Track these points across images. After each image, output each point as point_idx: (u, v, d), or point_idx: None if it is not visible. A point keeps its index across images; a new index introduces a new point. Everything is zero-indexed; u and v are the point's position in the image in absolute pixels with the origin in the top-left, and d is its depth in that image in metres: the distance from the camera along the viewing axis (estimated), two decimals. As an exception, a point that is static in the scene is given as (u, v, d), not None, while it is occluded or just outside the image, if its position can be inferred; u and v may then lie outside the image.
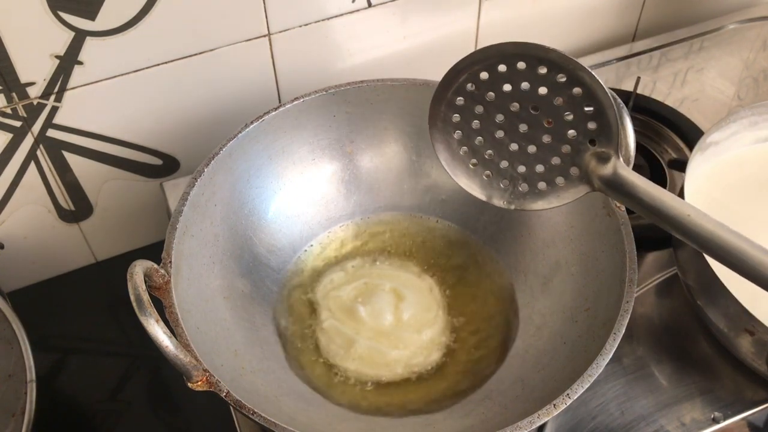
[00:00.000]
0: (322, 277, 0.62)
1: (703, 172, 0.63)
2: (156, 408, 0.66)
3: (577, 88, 0.40)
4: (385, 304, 0.58)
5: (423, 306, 0.59)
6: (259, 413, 0.43)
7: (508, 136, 0.42)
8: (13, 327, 0.54)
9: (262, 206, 0.61)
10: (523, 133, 0.42)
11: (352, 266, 0.62)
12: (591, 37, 0.88)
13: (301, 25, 0.68)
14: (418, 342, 0.57)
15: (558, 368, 0.51)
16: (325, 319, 0.58)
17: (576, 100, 0.41)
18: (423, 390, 0.56)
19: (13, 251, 0.69)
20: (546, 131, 0.41)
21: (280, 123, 0.60)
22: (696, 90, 0.82)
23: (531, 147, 0.42)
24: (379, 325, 0.57)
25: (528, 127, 0.42)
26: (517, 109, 0.42)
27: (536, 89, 0.41)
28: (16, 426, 0.49)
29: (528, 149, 0.43)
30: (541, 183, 0.44)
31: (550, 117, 0.41)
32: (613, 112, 0.41)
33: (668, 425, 0.55)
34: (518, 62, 0.41)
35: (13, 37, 0.56)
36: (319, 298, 0.60)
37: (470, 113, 0.43)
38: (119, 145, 0.67)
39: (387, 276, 0.61)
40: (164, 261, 0.50)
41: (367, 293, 0.59)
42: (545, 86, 0.41)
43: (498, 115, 0.43)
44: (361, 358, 0.56)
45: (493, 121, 0.43)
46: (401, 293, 0.59)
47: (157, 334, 0.41)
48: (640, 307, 0.63)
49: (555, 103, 0.41)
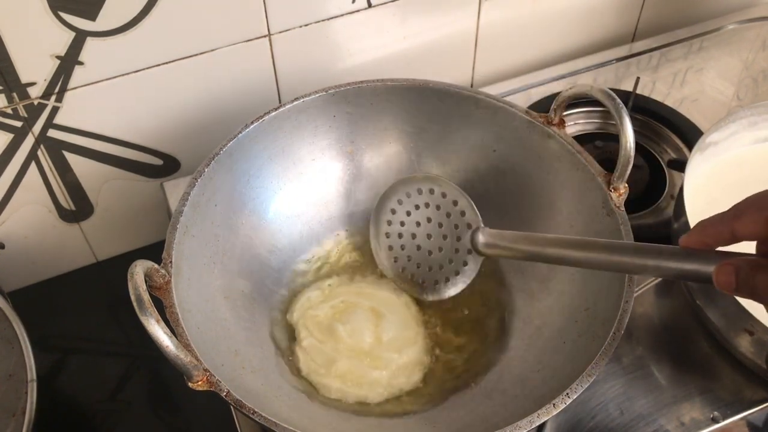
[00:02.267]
0: (298, 296, 0.60)
1: (703, 172, 0.63)
2: (156, 408, 0.66)
3: (445, 195, 0.56)
4: (364, 323, 0.57)
5: (402, 325, 0.58)
6: (260, 413, 0.44)
7: (418, 240, 0.57)
8: (14, 327, 0.54)
9: (262, 206, 0.61)
10: (428, 237, 0.56)
11: (329, 285, 0.61)
12: (590, 38, 0.88)
13: (302, 25, 0.68)
14: (398, 362, 0.56)
15: (558, 368, 0.51)
16: (304, 338, 0.57)
17: (448, 203, 0.56)
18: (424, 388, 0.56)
19: (14, 251, 0.69)
20: (442, 233, 0.56)
21: (280, 123, 0.60)
22: (695, 90, 0.82)
23: (435, 246, 0.56)
24: (359, 345, 0.56)
25: (429, 233, 0.56)
26: (421, 220, 0.57)
27: (427, 204, 0.57)
28: (16, 426, 0.50)
29: (434, 249, 0.56)
30: (448, 273, 0.56)
31: (441, 221, 0.56)
32: (465, 199, 0.55)
33: (668, 425, 0.55)
34: (416, 187, 0.57)
35: (14, 38, 0.56)
36: (296, 318, 0.59)
37: (396, 221, 0.58)
38: (120, 145, 0.67)
39: (365, 295, 0.60)
40: (165, 261, 0.50)
41: (345, 312, 0.58)
42: (432, 201, 0.56)
43: (411, 226, 0.57)
44: (342, 376, 0.55)
45: (409, 231, 0.57)
46: (380, 312, 0.58)
47: (158, 334, 0.42)
48: (639, 306, 0.63)
49: (439, 210, 0.56)
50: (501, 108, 0.60)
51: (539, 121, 0.59)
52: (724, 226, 0.38)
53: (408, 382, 0.56)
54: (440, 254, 0.56)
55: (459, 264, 0.55)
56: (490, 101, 0.61)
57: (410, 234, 0.57)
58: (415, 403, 0.55)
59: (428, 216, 0.56)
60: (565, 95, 0.57)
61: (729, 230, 0.38)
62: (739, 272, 0.36)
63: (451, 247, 0.55)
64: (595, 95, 0.55)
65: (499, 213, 0.62)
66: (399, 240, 0.57)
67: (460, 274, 0.55)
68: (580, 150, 0.57)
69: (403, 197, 0.58)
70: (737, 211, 0.38)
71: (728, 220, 0.38)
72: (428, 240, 0.56)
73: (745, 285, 0.36)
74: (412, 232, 0.57)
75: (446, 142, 0.64)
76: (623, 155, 0.53)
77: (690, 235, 0.40)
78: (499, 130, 0.61)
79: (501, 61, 0.84)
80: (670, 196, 0.71)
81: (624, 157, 0.53)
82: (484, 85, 0.84)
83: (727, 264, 0.37)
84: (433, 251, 0.56)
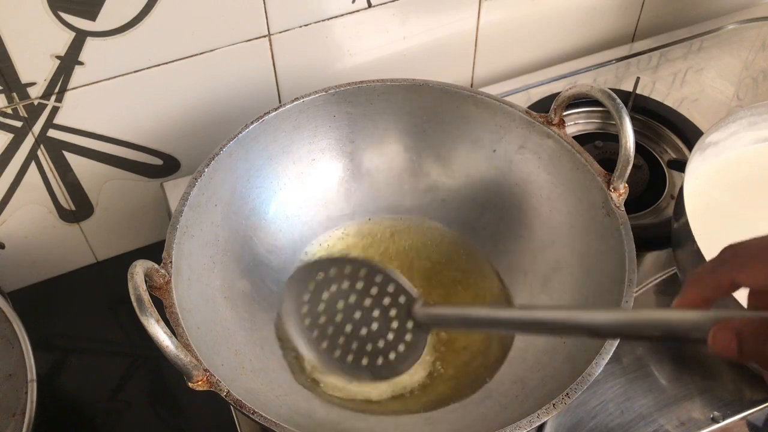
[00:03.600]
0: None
1: (703, 173, 0.63)
2: (156, 408, 0.66)
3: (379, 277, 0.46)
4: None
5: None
6: (260, 413, 0.44)
7: (347, 325, 0.47)
8: (14, 327, 0.54)
9: (262, 206, 0.61)
10: (359, 320, 0.47)
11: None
12: (590, 37, 0.88)
13: (302, 25, 0.68)
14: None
15: (558, 368, 0.51)
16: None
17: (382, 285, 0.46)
18: (424, 388, 0.56)
19: (14, 251, 0.69)
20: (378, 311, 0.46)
21: (280, 123, 0.60)
22: (695, 90, 0.82)
23: (373, 325, 0.47)
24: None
25: (362, 312, 0.47)
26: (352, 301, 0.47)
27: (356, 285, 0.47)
28: (16, 426, 0.50)
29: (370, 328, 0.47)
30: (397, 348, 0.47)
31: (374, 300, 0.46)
32: (399, 281, 0.45)
33: (667, 425, 0.55)
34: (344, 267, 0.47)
35: (14, 38, 0.56)
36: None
37: (315, 311, 0.48)
38: (120, 145, 0.67)
39: None
40: (165, 261, 0.50)
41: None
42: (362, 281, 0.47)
43: (333, 311, 0.47)
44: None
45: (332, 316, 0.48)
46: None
47: (158, 334, 0.42)
48: (639, 306, 0.63)
49: (372, 292, 0.46)
50: (501, 108, 0.61)
51: (539, 121, 0.59)
52: (724, 276, 0.33)
53: (412, 380, 0.56)
54: (377, 334, 0.47)
55: (400, 340, 0.46)
56: (490, 101, 0.61)
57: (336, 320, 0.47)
58: (417, 403, 0.55)
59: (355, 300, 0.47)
60: (565, 95, 0.57)
61: (729, 280, 0.33)
62: (743, 337, 0.31)
63: (386, 325, 0.46)
64: (595, 95, 0.55)
65: (499, 213, 0.62)
66: (326, 329, 0.47)
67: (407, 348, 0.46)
68: (580, 150, 0.57)
69: (315, 285, 0.48)
70: (737, 260, 0.33)
71: (728, 270, 0.33)
72: (360, 322, 0.47)
73: (752, 351, 0.31)
74: (338, 319, 0.47)
75: (446, 142, 0.64)
76: (623, 155, 0.53)
77: (686, 293, 0.34)
78: (499, 130, 0.61)
79: (501, 61, 0.84)
80: (670, 196, 0.71)
81: (624, 157, 0.53)
82: (484, 85, 0.84)
83: (723, 329, 0.31)
84: (370, 332, 0.47)
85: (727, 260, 0.34)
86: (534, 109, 0.60)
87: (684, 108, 0.79)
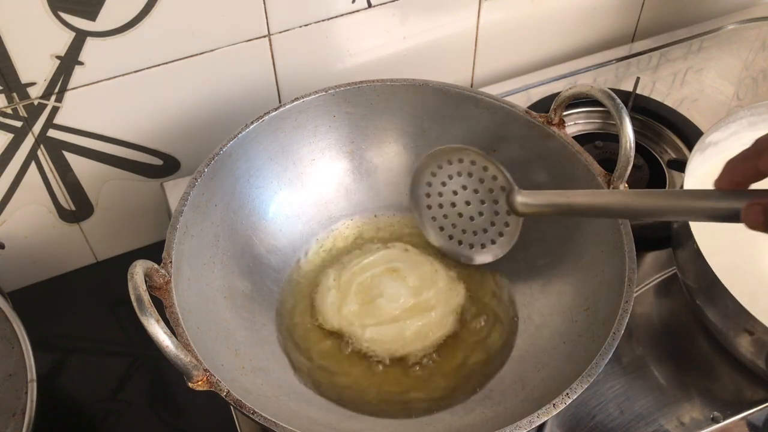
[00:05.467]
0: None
1: (703, 173, 0.63)
2: (156, 408, 0.66)
3: (474, 162, 0.57)
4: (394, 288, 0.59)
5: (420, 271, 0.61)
6: (260, 413, 0.44)
7: (459, 208, 0.59)
8: (14, 327, 0.54)
9: (262, 206, 0.61)
10: (466, 204, 0.59)
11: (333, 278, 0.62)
12: (591, 38, 0.88)
13: (302, 25, 0.68)
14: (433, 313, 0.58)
15: (558, 368, 0.51)
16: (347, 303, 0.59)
17: (479, 170, 0.57)
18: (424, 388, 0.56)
19: (14, 251, 0.69)
20: (479, 198, 0.58)
21: (280, 123, 0.60)
22: (695, 90, 0.82)
23: (476, 212, 0.58)
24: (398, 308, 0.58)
25: (467, 200, 0.59)
26: (457, 189, 0.59)
27: (459, 173, 0.58)
28: (16, 426, 0.50)
29: (474, 214, 0.59)
30: (492, 235, 0.58)
31: (476, 188, 0.58)
32: (494, 164, 0.56)
33: (667, 425, 0.55)
34: (446, 159, 0.59)
35: (14, 38, 0.56)
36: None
37: (434, 193, 0.60)
38: (120, 145, 0.67)
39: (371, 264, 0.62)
40: (165, 261, 0.50)
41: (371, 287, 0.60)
42: (463, 169, 0.58)
43: (449, 196, 0.59)
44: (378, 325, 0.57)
45: (448, 201, 0.59)
46: (396, 268, 0.61)
47: (158, 334, 0.42)
48: (639, 306, 0.63)
49: (472, 177, 0.58)
50: (501, 108, 0.61)
51: (539, 121, 0.59)
52: (749, 163, 0.38)
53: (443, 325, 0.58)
54: (481, 218, 0.58)
55: (501, 226, 0.57)
56: (490, 101, 0.61)
57: (450, 203, 0.59)
58: (418, 402, 0.55)
59: (463, 184, 0.57)
60: (565, 95, 0.57)
61: (754, 167, 0.38)
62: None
63: (491, 210, 0.57)
64: (595, 95, 0.55)
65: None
66: (440, 210, 0.59)
67: (504, 235, 0.57)
68: (580, 150, 0.57)
69: (435, 169, 0.59)
70: (758, 150, 0.38)
71: (750, 158, 0.38)
72: (467, 206, 0.58)
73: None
74: (451, 201, 0.59)
75: (446, 142, 0.64)
76: (623, 155, 0.53)
77: (722, 176, 0.40)
78: (499, 130, 0.61)
79: (501, 61, 0.84)
80: (670, 196, 0.71)
81: (624, 157, 0.53)
82: (484, 85, 0.84)
83: (756, 204, 0.37)
84: (475, 216, 0.57)
85: (751, 150, 0.38)
86: (534, 109, 0.60)
87: (684, 108, 0.79)
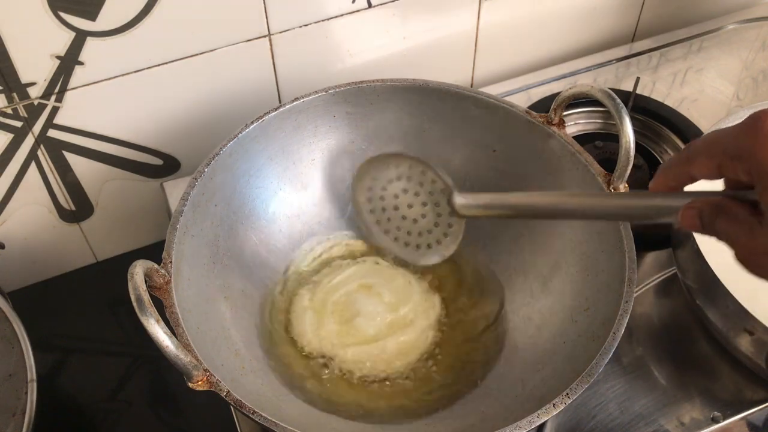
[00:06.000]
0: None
1: (703, 172, 0.63)
2: (156, 408, 0.66)
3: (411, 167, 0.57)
4: (371, 306, 0.59)
5: (391, 281, 0.62)
6: (260, 413, 0.44)
7: (402, 211, 0.58)
8: (14, 327, 0.54)
9: (262, 206, 0.61)
10: (408, 207, 0.58)
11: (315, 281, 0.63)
12: (591, 37, 0.88)
13: (302, 25, 0.68)
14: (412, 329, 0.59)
15: (558, 368, 0.51)
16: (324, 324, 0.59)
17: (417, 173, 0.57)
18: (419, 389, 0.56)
19: (14, 251, 0.69)
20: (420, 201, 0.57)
21: (280, 123, 0.60)
22: (695, 90, 0.82)
23: (419, 214, 0.58)
24: (374, 329, 0.58)
25: (410, 203, 0.58)
26: (398, 192, 0.58)
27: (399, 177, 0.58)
28: (16, 426, 0.50)
29: (418, 216, 0.57)
30: (437, 236, 0.57)
31: (417, 190, 0.57)
32: (431, 168, 0.56)
33: (667, 425, 0.55)
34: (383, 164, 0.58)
35: (14, 38, 0.56)
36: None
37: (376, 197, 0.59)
38: (120, 145, 0.67)
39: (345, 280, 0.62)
40: (165, 261, 0.50)
41: (347, 305, 0.60)
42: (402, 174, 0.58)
43: (390, 200, 0.58)
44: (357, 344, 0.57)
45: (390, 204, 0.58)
46: (368, 284, 0.61)
47: (158, 334, 0.42)
48: (639, 306, 0.63)
49: (411, 181, 0.57)
50: (501, 108, 0.61)
51: (539, 121, 0.59)
52: (682, 167, 0.39)
53: (424, 340, 0.59)
54: (425, 220, 0.57)
55: (445, 227, 0.57)
56: (490, 101, 0.61)
57: (392, 206, 0.58)
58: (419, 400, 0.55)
59: (404, 187, 0.57)
60: (565, 95, 0.57)
61: (687, 172, 0.39)
62: (702, 215, 0.37)
63: (434, 212, 0.57)
64: (595, 95, 0.55)
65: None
66: (384, 213, 0.59)
67: (449, 236, 0.57)
68: (580, 150, 0.57)
69: (376, 174, 0.59)
70: (690, 155, 0.38)
71: (684, 162, 0.38)
72: (410, 209, 0.58)
73: (709, 227, 0.37)
74: (394, 205, 0.58)
75: (446, 142, 0.64)
76: (623, 155, 0.53)
77: (656, 180, 0.41)
78: (499, 130, 0.61)
79: (501, 61, 0.84)
80: (670, 196, 0.71)
81: (624, 157, 0.53)
82: (484, 85, 0.84)
83: (690, 208, 0.38)
84: (418, 219, 0.57)
85: (683, 156, 0.39)
86: (534, 109, 0.60)
87: (684, 108, 0.79)
